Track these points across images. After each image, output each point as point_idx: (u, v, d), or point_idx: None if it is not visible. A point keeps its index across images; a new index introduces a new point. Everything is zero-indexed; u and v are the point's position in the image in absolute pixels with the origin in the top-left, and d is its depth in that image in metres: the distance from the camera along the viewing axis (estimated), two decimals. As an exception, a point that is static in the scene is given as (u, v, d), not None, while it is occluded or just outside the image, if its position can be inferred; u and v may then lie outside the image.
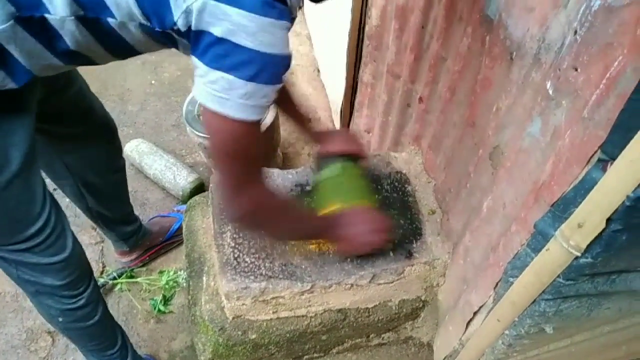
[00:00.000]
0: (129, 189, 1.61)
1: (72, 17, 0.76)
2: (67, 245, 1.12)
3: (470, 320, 1.15)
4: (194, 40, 0.73)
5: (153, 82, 2.51)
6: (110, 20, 0.77)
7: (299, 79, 2.43)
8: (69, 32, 0.79)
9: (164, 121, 2.33)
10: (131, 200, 1.66)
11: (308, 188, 1.34)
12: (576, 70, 0.70)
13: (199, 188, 1.97)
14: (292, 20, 0.77)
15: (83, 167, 1.35)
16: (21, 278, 1.12)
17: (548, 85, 0.77)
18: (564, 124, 0.75)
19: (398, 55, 1.38)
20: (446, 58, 1.18)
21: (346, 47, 1.70)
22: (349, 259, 1.20)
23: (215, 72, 0.72)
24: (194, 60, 0.75)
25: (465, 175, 1.13)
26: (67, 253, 1.12)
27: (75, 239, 1.16)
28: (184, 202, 1.92)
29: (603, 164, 0.68)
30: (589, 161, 0.70)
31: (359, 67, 1.71)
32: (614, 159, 0.65)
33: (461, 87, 1.13)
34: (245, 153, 0.82)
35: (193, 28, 0.71)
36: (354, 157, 1.29)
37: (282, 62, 0.75)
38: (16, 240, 1.02)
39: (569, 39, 0.72)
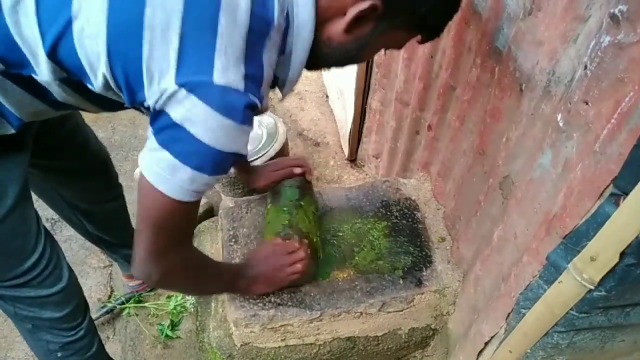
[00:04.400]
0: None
1: (57, 81, 0.78)
2: (63, 275, 1.12)
3: (482, 350, 1.14)
4: (153, 116, 0.73)
5: (164, 106, 2.54)
6: (89, 86, 0.78)
7: (308, 105, 2.46)
8: (56, 90, 0.81)
9: (173, 145, 2.35)
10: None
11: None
12: (587, 104, 0.71)
13: (208, 212, 1.97)
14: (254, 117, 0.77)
15: (78, 198, 1.35)
16: (18, 315, 1.11)
17: (559, 118, 0.77)
18: (575, 156, 0.75)
19: (407, 83, 1.40)
20: (455, 87, 1.19)
21: (355, 74, 1.72)
22: (357, 287, 1.19)
23: (164, 152, 0.72)
24: (149, 132, 0.75)
25: (476, 204, 1.13)
26: (64, 283, 1.11)
27: (70, 269, 1.15)
28: (193, 226, 1.92)
29: (615, 199, 0.68)
30: (601, 195, 0.70)
31: (367, 94, 1.74)
32: (626, 193, 0.65)
33: (470, 116, 1.13)
34: (173, 227, 0.82)
35: (157, 108, 0.71)
36: (304, 180, 1.29)
37: (232, 158, 0.76)
38: (13, 275, 1.02)
39: (579, 73, 0.72)
